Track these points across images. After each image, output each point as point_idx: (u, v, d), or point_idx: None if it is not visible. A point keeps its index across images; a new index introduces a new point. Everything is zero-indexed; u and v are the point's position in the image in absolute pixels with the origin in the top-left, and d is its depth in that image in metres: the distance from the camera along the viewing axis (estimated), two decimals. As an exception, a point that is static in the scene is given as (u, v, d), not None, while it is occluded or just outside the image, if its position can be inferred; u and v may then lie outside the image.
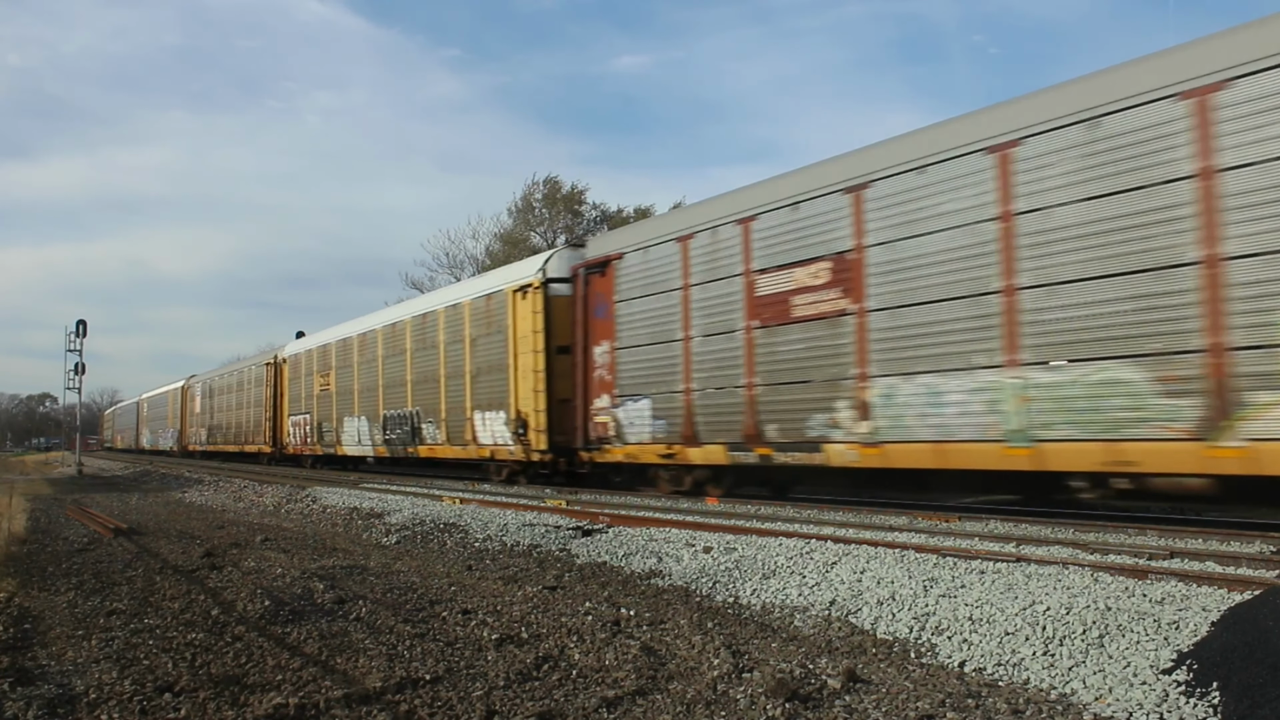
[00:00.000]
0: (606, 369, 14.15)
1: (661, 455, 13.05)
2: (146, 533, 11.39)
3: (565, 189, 41.67)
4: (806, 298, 10.97)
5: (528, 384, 15.87)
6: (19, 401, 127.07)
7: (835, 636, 5.51)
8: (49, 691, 4.43)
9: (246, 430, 33.99)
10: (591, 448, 14.51)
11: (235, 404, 36.05)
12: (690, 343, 12.60)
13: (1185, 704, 3.99)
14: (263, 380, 31.91)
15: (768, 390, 11.43)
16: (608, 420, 14.04)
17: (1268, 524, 8.79)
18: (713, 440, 12.17)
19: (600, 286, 14.35)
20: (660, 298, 13.16)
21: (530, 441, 15.86)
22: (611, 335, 14.06)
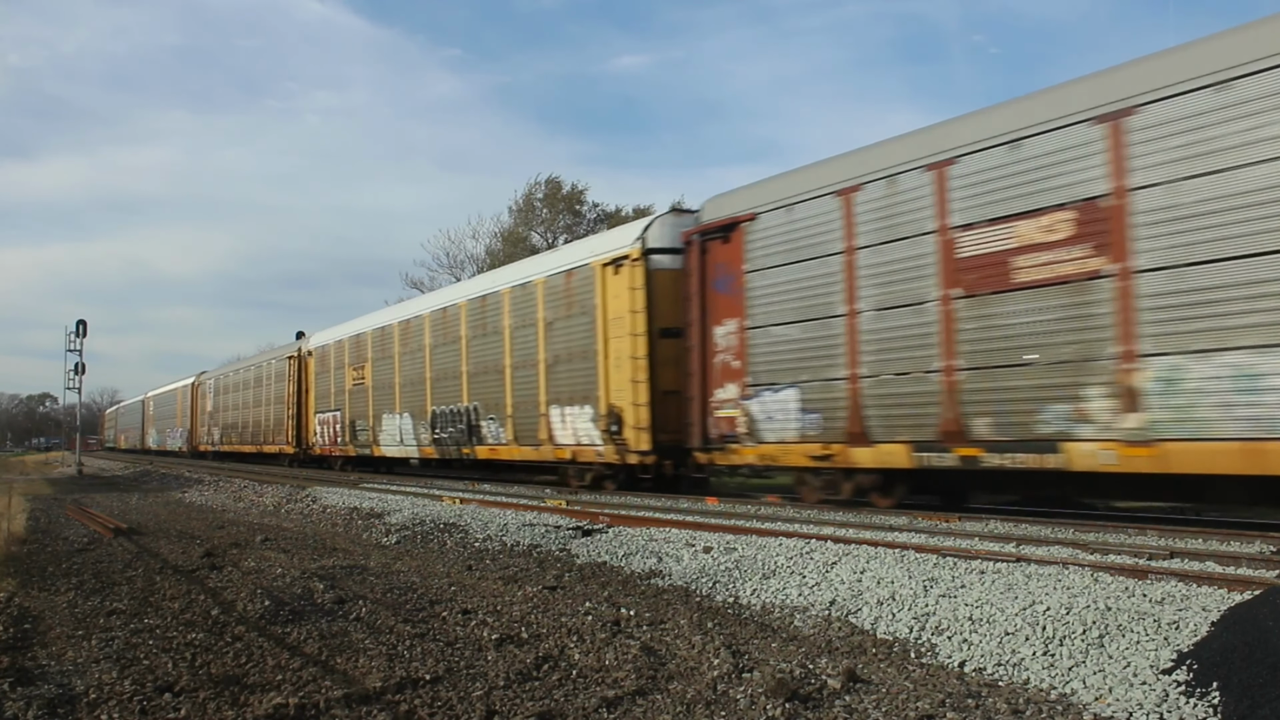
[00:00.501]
0: (733, 353, 11.95)
1: (813, 457, 10.88)
2: (146, 533, 11.39)
3: (566, 189, 41.70)
4: (1035, 258, 8.85)
5: (623, 373, 13.63)
6: (19, 401, 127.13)
7: (835, 636, 5.51)
8: (49, 691, 4.43)
9: (266, 429, 31.80)
10: (712, 447, 12.28)
11: (252, 401, 33.65)
12: (856, 319, 10.38)
13: (1185, 704, 3.99)
14: (284, 375, 29.63)
15: (977, 375, 9.29)
16: (735, 415, 11.84)
17: (1268, 524, 8.79)
18: (890, 438, 10.05)
19: (723, 255, 12.13)
20: (810, 265, 10.95)
21: (627, 441, 13.58)
22: (740, 312, 11.81)
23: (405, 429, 21.11)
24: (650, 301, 13.41)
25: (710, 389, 12.31)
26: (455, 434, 18.78)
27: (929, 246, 9.76)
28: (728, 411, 12.03)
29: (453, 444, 18.99)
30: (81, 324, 30.83)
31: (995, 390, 9.19)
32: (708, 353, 12.35)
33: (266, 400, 31.83)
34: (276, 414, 30.67)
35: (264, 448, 31.86)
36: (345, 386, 24.64)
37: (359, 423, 23.62)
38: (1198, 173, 7.84)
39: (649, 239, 13.63)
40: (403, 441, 21.24)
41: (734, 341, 12.00)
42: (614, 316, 13.97)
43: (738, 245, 11.98)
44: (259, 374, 32.98)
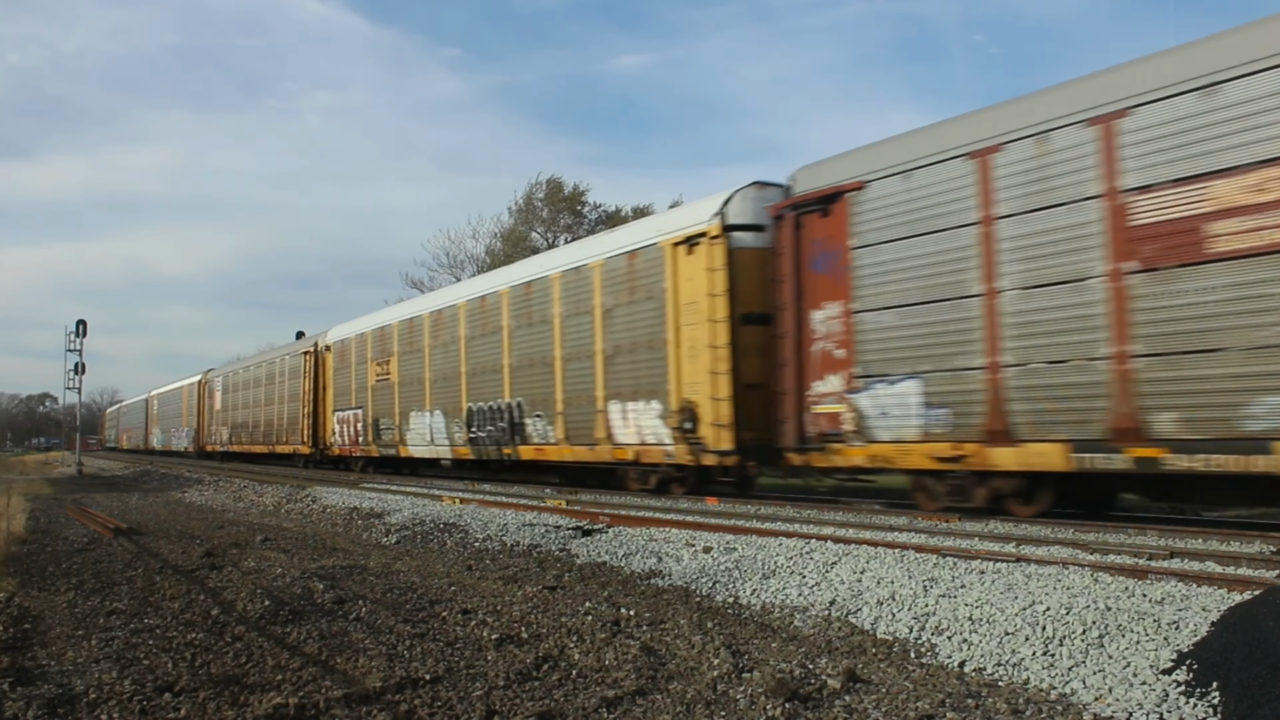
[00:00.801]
0: (835, 341, 10.59)
1: (940, 458, 9.63)
2: (146, 532, 11.39)
3: (567, 189, 41.71)
4: (1239, 224, 7.59)
5: (698, 364, 12.30)
6: (19, 401, 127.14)
7: (835, 636, 5.51)
8: (49, 691, 4.43)
9: (279, 429, 30.06)
10: (809, 448, 10.88)
11: (264, 399, 31.85)
12: (997, 299, 9.09)
13: (1185, 704, 3.99)
14: (299, 371, 27.85)
15: (1158, 363, 8.03)
16: (839, 410, 10.50)
17: (1268, 524, 8.79)
18: (1041, 436, 8.79)
19: (822, 230, 10.80)
20: (936, 239, 9.63)
21: (704, 439, 12.21)
22: (844, 295, 10.50)
23: (436, 428, 19.59)
24: (732, 284, 11.99)
25: (807, 381, 10.93)
26: (495, 433, 17.30)
27: (1092, 214, 8.44)
28: (829, 407, 10.70)
29: (491, 444, 17.47)
30: (81, 324, 30.85)
31: (1184, 380, 7.87)
32: (803, 341, 10.99)
33: (280, 398, 30.22)
34: (291, 412, 28.99)
35: (277, 448, 30.35)
36: (368, 383, 22.99)
37: (383, 421, 22.10)
38: None
39: (729, 214, 12.17)
40: (433, 441, 19.72)
41: (837, 328, 10.61)
42: (687, 301, 12.57)
43: (841, 219, 10.56)
44: (271, 370, 31.30)
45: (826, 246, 10.79)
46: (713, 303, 12.08)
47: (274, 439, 30.59)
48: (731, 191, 12.48)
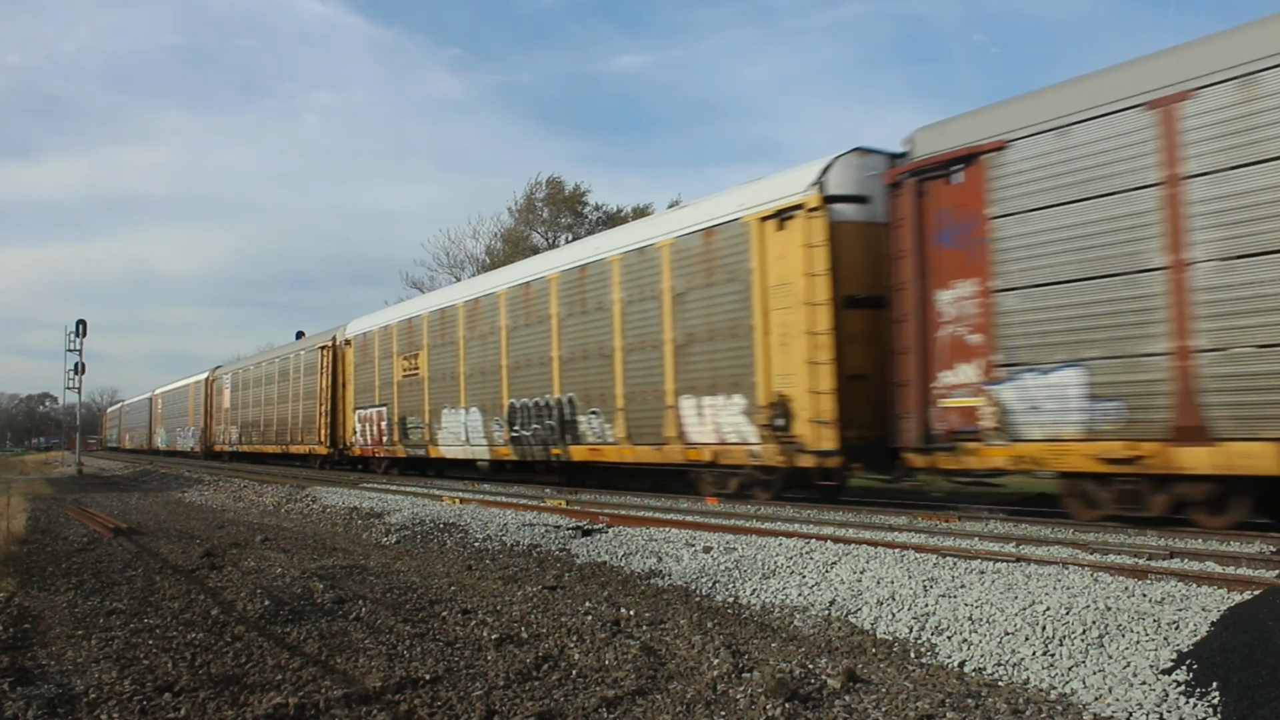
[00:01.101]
0: (969, 325, 9.38)
1: (1108, 459, 8.37)
2: (146, 532, 11.39)
3: (567, 189, 41.73)
4: None
5: (793, 353, 10.94)
6: (19, 401, 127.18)
7: (835, 636, 5.51)
8: (49, 691, 4.43)
9: (293, 428, 28.41)
10: (936, 447, 9.62)
11: (277, 397, 30.27)
12: (1186, 273, 7.84)
13: (1185, 704, 3.99)
14: (316, 367, 26.25)
15: None
16: (975, 404, 9.31)
17: (1267, 524, 8.78)
18: (1249, 434, 7.52)
19: (950, 198, 9.60)
20: (1103, 204, 8.37)
21: (799, 438, 10.85)
22: (980, 271, 9.29)
23: (472, 426, 18.06)
24: (835, 263, 10.64)
25: (932, 372, 9.68)
26: (542, 431, 15.79)
27: None
28: (962, 400, 9.45)
29: (537, 443, 15.93)
30: (81, 324, 30.84)
31: None
32: (928, 325, 9.74)
33: (295, 395, 28.59)
34: (307, 411, 27.30)
35: (291, 448, 28.73)
36: (393, 378, 21.47)
37: (411, 419, 20.53)
38: None
39: (829, 184, 10.77)
40: (468, 441, 18.22)
41: (971, 309, 9.37)
42: (778, 282, 11.23)
43: (976, 184, 9.31)
44: (285, 367, 29.62)
45: (957, 217, 9.53)
46: (811, 284, 10.72)
47: (288, 439, 29.04)
48: (830, 158, 11.06)
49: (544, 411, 15.81)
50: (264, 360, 33.00)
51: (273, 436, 30.62)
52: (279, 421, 30.10)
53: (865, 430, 10.50)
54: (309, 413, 27.13)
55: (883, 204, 10.48)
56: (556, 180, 41.72)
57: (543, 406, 15.86)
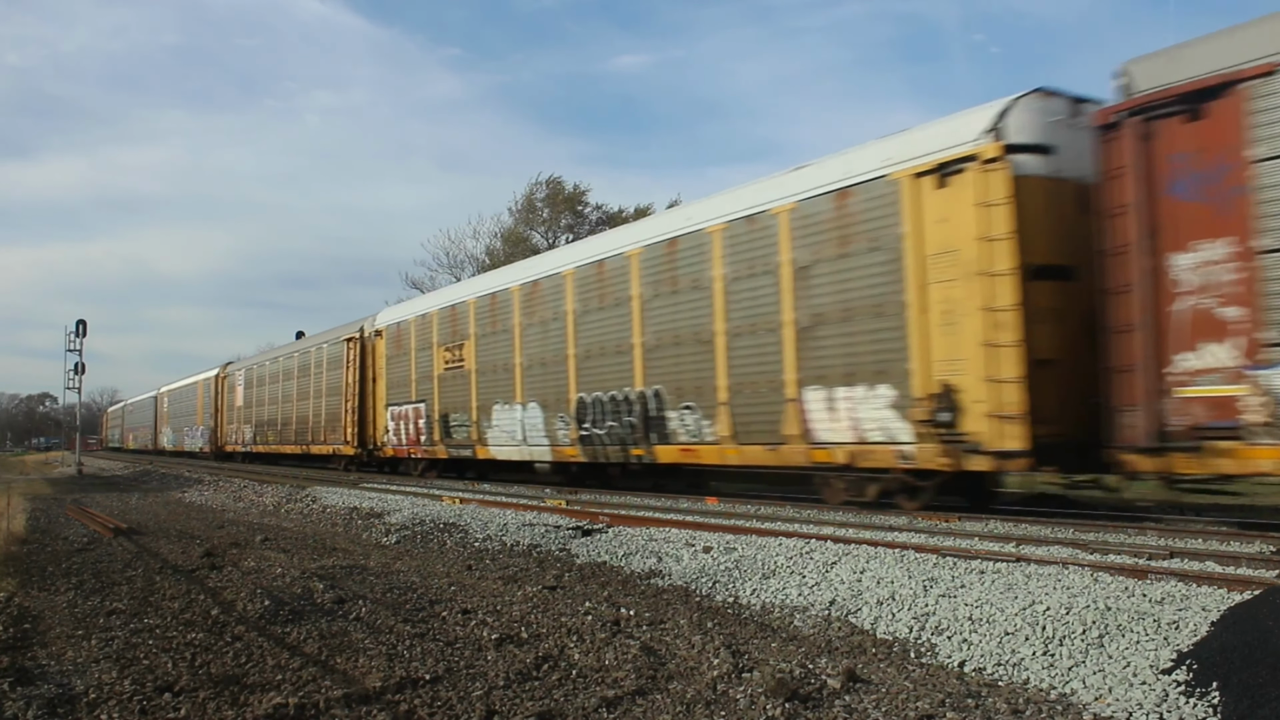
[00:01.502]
0: (1222, 295, 7.77)
1: None
2: (146, 532, 11.39)
3: (567, 189, 41.74)
4: None
5: (960, 334, 9.23)
6: (19, 401, 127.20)
7: (835, 636, 5.51)
8: (49, 691, 4.43)
9: (315, 426, 26.22)
10: (1172, 446, 7.96)
11: (296, 393, 28.14)
12: None
13: (1185, 704, 3.98)
14: (341, 361, 24.30)
15: None
16: (1236, 393, 7.64)
17: (1267, 524, 8.79)
18: None
19: (1192, 139, 8.02)
20: None
21: (972, 436, 9.11)
22: (1239, 227, 7.71)
23: (531, 424, 15.98)
24: (1022, 227, 8.96)
25: (1166, 354, 8.15)
26: (619, 430, 13.84)
27: None
28: (1212, 389, 7.84)
29: (613, 442, 13.99)
30: (81, 324, 30.83)
31: None
32: (1159, 297, 8.19)
33: (316, 392, 26.38)
34: (331, 408, 25.10)
35: (312, 448, 26.51)
36: (433, 371, 19.45)
37: (455, 417, 18.54)
38: None
39: (1009, 130, 9.07)
40: (525, 440, 16.13)
41: (1224, 276, 7.80)
42: (939, 250, 9.50)
43: (1229, 121, 7.74)
44: (306, 361, 27.38)
45: (1200, 163, 8.01)
46: (987, 250, 9.00)
47: (309, 438, 26.83)
48: (1008, 100, 9.37)
49: (622, 407, 13.84)
50: (282, 355, 30.61)
51: (292, 436, 28.44)
52: (299, 420, 27.80)
53: (1056, 426, 8.86)
54: (333, 410, 24.90)
55: (1069, 155, 9.12)
56: (556, 180, 41.74)
57: (620, 401, 13.87)
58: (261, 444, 31.51)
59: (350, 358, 23.81)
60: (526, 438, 16.17)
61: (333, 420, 24.92)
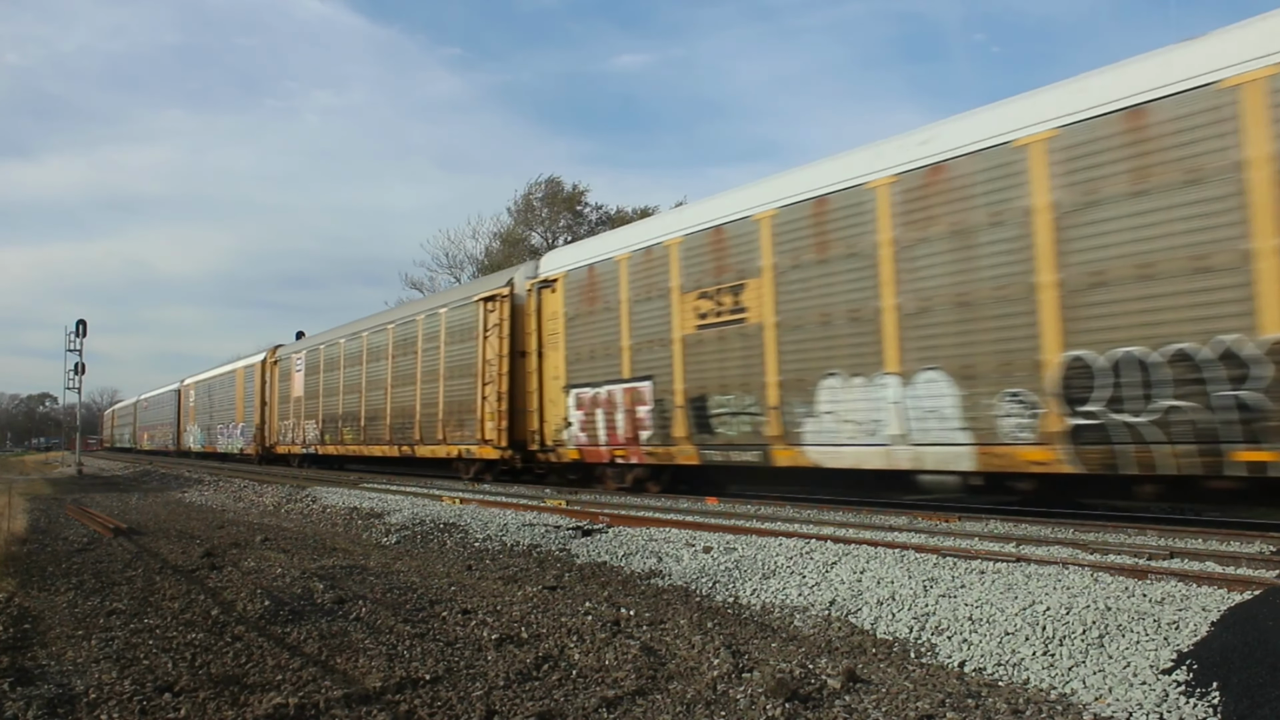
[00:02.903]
0: None
1: None
2: (146, 532, 11.39)
3: (566, 189, 41.75)
4: None
5: None
6: (19, 401, 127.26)
7: (835, 636, 5.51)
8: (49, 691, 4.43)
9: (425, 421, 19.86)
10: None
11: (391, 378, 21.72)
12: None
13: (1185, 704, 3.99)
14: (474, 328, 17.99)
15: None
16: None
17: (1268, 523, 8.79)
18: None
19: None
20: None
21: None
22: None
23: (921, 406, 9.86)
24: None
25: None
26: (1199, 413, 7.76)
27: None
28: None
29: (1181, 438, 7.87)
30: (81, 324, 30.80)
31: None
32: None
33: (428, 374, 19.91)
34: (455, 395, 18.73)
35: (419, 449, 20.08)
36: (670, 332, 13.13)
37: (720, 400, 12.34)
38: None
39: None
40: (906, 434, 9.99)
41: None
42: None
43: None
44: (408, 335, 21.10)
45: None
46: None
47: (414, 436, 20.36)
48: None
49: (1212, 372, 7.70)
50: (367, 330, 23.77)
51: (384, 434, 21.89)
52: (396, 413, 21.42)
53: None
54: (459, 397, 18.61)
55: None
56: (555, 180, 41.76)
57: (1206, 362, 7.73)
58: (333, 443, 25.05)
59: (492, 323, 17.38)
60: (909, 430, 9.98)
61: (458, 411, 18.63)
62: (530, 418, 16.24)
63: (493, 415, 17.20)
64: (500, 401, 16.97)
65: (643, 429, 13.70)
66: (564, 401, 15.41)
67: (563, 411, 15.45)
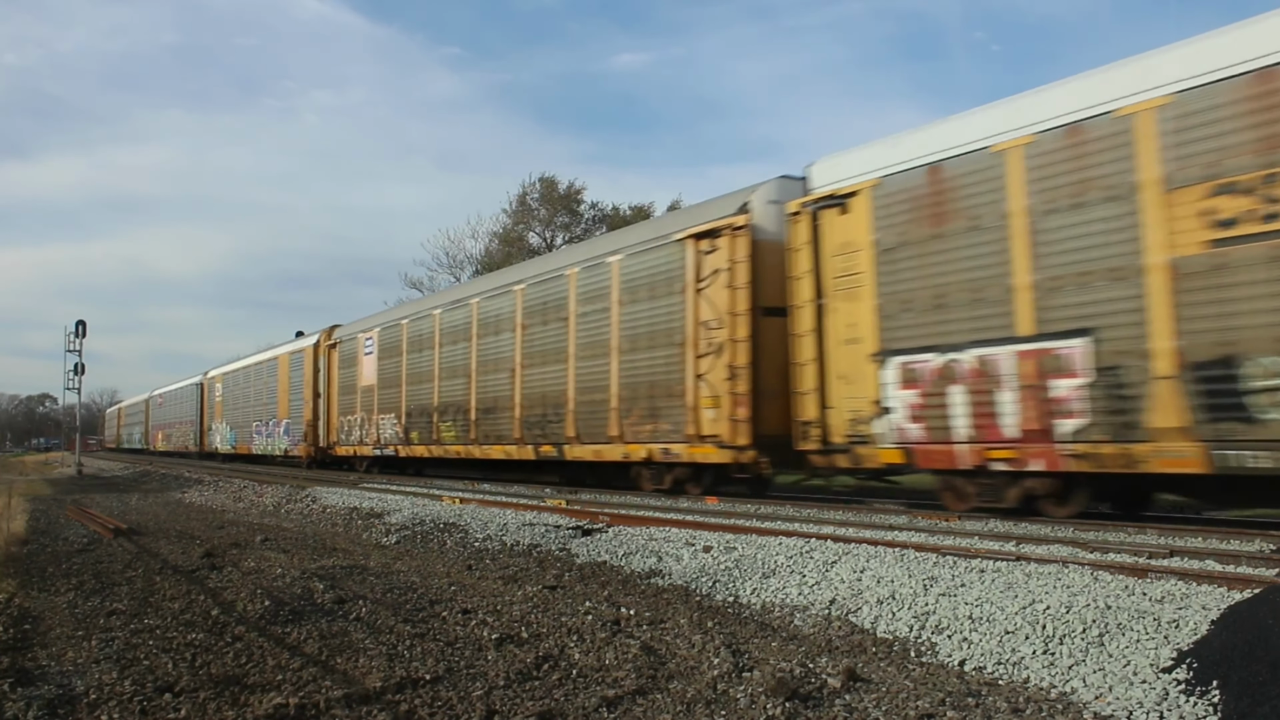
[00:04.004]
0: None
1: None
2: (146, 533, 11.38)
3: (562, 188, 41.74)
4: None
5: None
6: (19, 402, 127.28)
7: (835, 635, 5.51)
8: (49, 692, 4.43)
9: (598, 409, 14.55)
10: None
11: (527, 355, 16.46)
12: None
13: (1185, 702, 3.99)
14: (676, 278, 13.07)
15: None
16: None
17: (1268, 522, 8.79)
18: None
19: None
20: None
21: None
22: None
23: None
24: None
25: None
26: None
27: None
28: None
29: None
30: (81, 324, 30.81)
31: None
32: None
33: (592, 346, 14.77)
34: (641, 373, 13.69)
35: (576, 450, 14.99)
36: (1136, 258, 8.07)
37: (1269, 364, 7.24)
38: None
39: None
40: None
41: None
42: None
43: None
44: (553, 296, 15.90)
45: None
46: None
47: (568, 432, 15.12)
48: None
49: None
50: (480, 294, 18.47)
51: (510, 429, 16.78)
52: (532, 401, 16.20)
53: None
54: (647, 376, 13.48)
55: None
56: (549, 179, 41.75)
57: None
58: (424, 442, 20.01)
59: (712, 268, 12.35)
60: None
61: (647, 396, 13.44)
62: (802, 403, 11.02)
63: (715, 400, 12.15)
64: (735, 380, 11.80)
65: (1062, 416, 8.71)
66: (872, 376, 10.42)
67: (869, 391, 10.43)
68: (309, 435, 26.74)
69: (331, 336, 26.29)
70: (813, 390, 10.97)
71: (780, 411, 11.63)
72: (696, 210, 13.72)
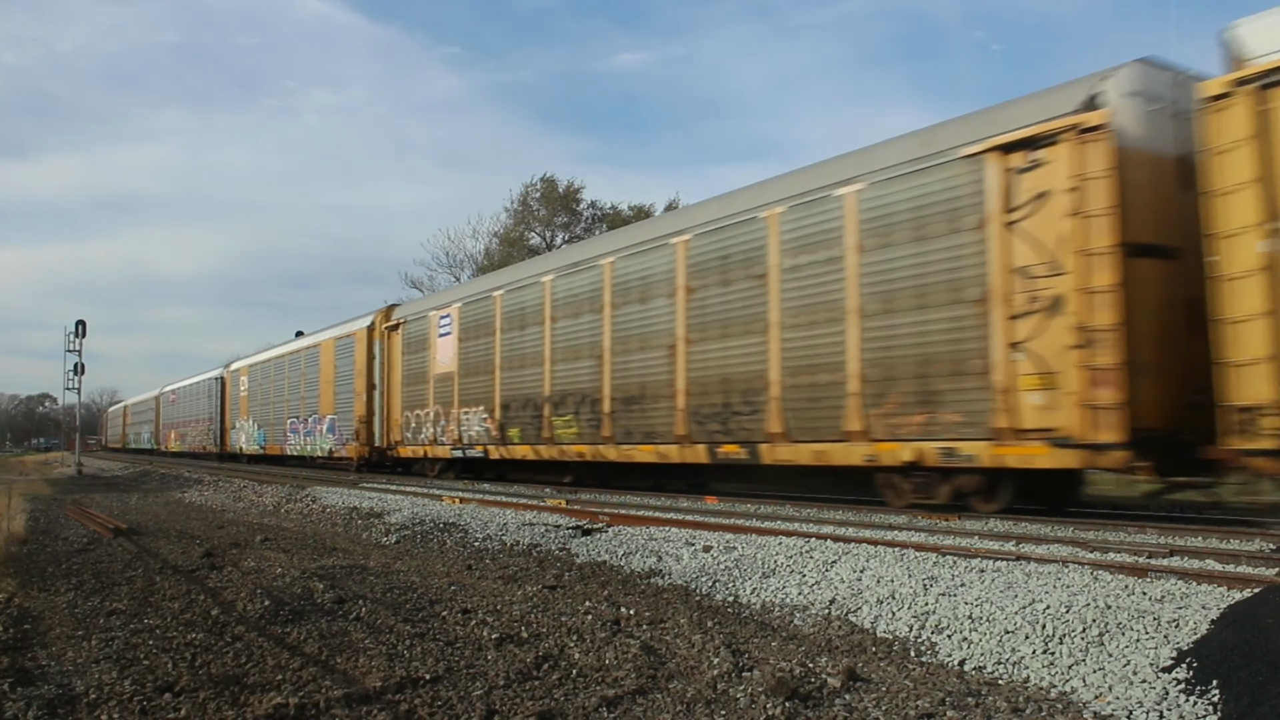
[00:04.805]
0: None
1: None
2: (146, 533, 11.38)
3: (561, 187, 41.75)
4: None
5: None
6: (18, 402, 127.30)
7: (835, 635, 5.51)
8: (49, 692, 4.43)
9: (826, 395, 10.78)
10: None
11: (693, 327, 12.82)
12: None
13: (1185, 702, 3.99)
14: (958, 209, 9.46)
15: None
16: None
17: (1267, 521, 8.80)
18: None
19: None
20: None
21: None
22: None
23: None
24: None
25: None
26: None
27: None
28: None
29: None
30: (80, 324, 30.76)
31: None
32: None
33: (807, 310, 11.23)
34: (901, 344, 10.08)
35: (781, 450, 11.43)
36: None
37: None
38: None
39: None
40: None
41: None
42: None
43: None
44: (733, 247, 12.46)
45: None
46: None
47: (770, 426, 11.50)
48: None
49: None
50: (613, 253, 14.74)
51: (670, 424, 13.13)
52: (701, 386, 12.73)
53: None
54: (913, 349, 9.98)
55: None
56: (550, 179, 41.77)
57: None
58: (527, 441, 16.42)
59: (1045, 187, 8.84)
60: None
61: (915, 375, 9.91)
62: (1240, 379, 7.38)
63: (1046, 378, 8.76)
64: (1091, 348, 8.38)
65: None
66: None
67: None
68: (361, 434, 22.89)
69: (391, 317, 22.15)
70: (1265, 359, 7.18)
71: (1157, 394, 8.38)
72: (991, 114, 9.70)
